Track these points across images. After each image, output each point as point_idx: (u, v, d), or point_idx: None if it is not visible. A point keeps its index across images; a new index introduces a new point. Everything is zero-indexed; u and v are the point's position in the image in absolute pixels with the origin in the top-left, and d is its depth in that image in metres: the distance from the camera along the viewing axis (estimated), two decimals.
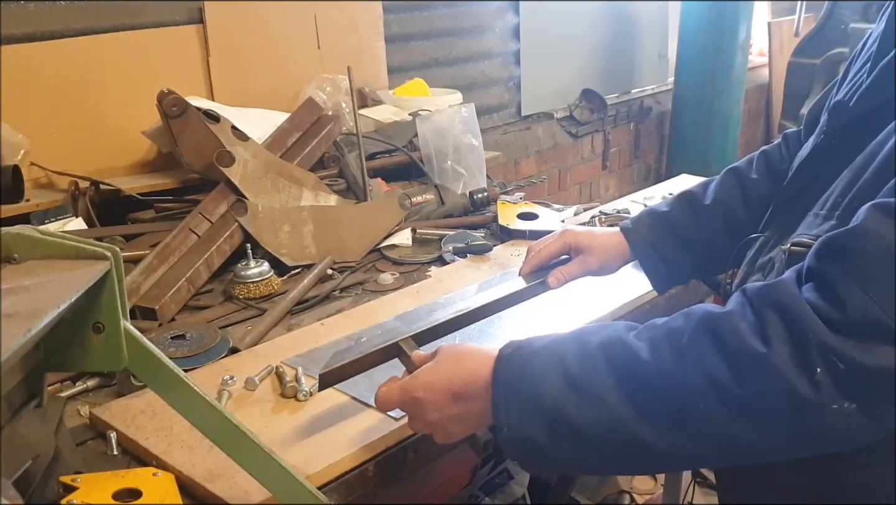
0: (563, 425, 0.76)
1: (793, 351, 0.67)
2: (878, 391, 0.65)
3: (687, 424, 0.71)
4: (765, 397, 0.68)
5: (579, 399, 0.75)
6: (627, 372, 0.74)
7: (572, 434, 0.76)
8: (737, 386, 0.68)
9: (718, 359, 0.70)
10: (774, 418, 0.68)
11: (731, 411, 0.69)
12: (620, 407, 0.73)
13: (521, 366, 0.81)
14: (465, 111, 2.10)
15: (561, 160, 3.64)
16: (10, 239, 0.72)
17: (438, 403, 0.86)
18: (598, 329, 0.81)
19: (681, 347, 0.73)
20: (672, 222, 1.19)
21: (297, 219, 1.66)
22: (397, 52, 2.78)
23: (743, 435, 0.70)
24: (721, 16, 3.68)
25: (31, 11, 1.86)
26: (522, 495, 2.23)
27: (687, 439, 0.72)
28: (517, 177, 3.27)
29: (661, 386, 0.72)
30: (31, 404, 0.78)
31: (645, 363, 0.73)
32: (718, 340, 0.71)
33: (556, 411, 0.76)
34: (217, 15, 2.15)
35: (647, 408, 0.73)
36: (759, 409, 0.68)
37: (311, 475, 0.95)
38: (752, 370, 0.68)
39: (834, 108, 0.91)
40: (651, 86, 4.18)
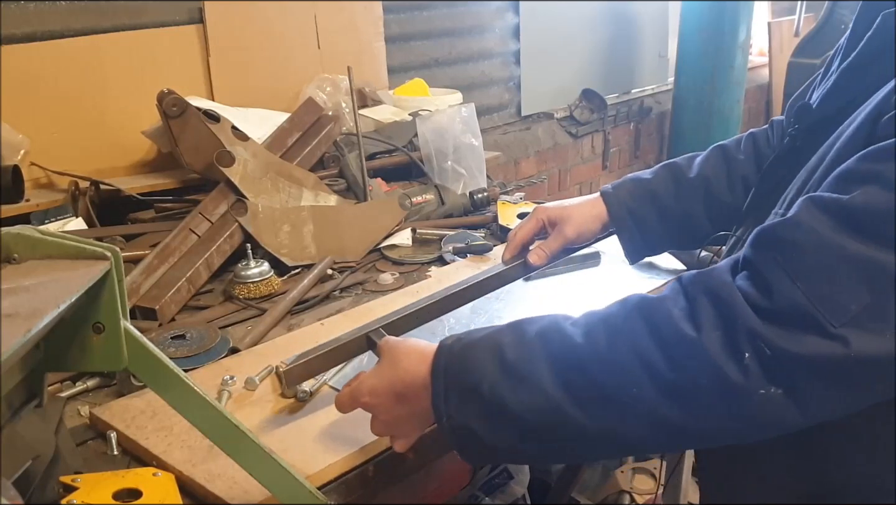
0: (501, 412, 0.77)
1: (723, 336, 0.68)
2: (804, 378, 0.66)
3: (620, 407, 0.72)
4: (695, 381, 0.69)
5: (516, 386, 0.76)
6: (562, 357, 0.75)
7: (510, 421, 0.76)
8: (669, 370, 0.70)
9: (651, 343, 0.71)
10: (705, 402, 0.69)
11: (663, 395, 0.70)
12: (555, 392, 0.74)
13: (461, 356, 0.81)
14: (465, 111, 2.10)
15: (561, 160, 3.64)
16: (10, 239, 0.72)
17: (385, 406, 0.88)
18: (537, 319, 0.81)
19: (615, 332, 0.74)
20: (653, 191, 1.19)
21: (297, 219, 1.66)
22: (397, 52, 2.78)
23: (675, 418, 0.71)
24: (721, 16, 3.68)
25: (31, 11, 1.86)
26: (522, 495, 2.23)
27: (621, 423, 0.73)
28: (517, 177, 3.27)
29: (595, 370, 0.73)
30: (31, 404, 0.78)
31: (580, 347, 0.74)
32: (651, 325, 0.72)
33: (494, 399, 0.77)
34: (217, 15, 2.15)
35: (581, 392, 0.73)
36: (691, 392, 0.69)
37: (311, 475, 0.95)
38: (683, 354, 0.69)
39: (798, 110, 0.93)
40: (651, 86, 4.18)
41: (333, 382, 1.16)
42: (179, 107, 1.73)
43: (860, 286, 0.64)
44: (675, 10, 3.92)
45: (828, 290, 0.65)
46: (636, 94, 4.08)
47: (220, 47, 2.17)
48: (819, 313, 0.65)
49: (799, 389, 0.67)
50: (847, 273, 0.65)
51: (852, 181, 0.69)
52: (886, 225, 0.64)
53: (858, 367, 0.65)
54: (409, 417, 0.88)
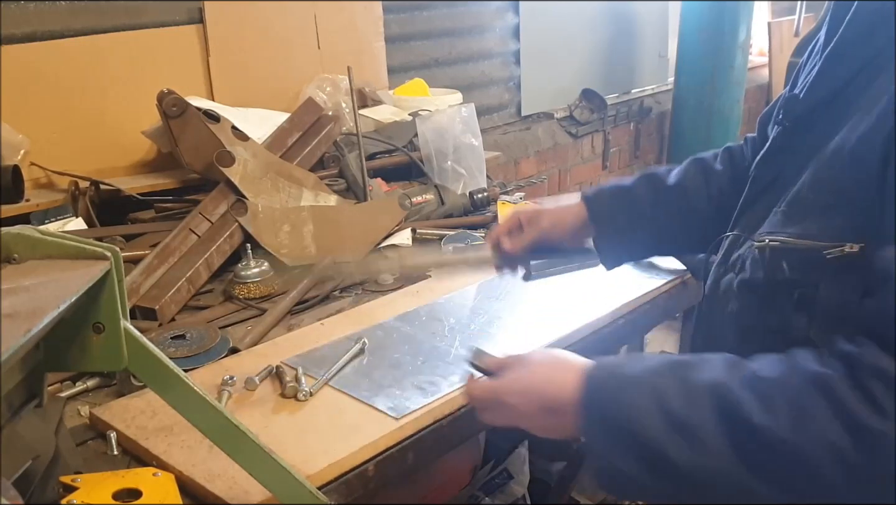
0: (664, 464, 0.75)
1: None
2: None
3: (806, 487, 0.71)
4: (887, 468, 0.68)
5: (682, 441, 0.74)
6: (739, 427, 0.73)
7: (673, 474, 0.75)
8: (859, 459, 0.69)
9: (840, 429, 0.69)
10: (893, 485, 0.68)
11: (854, 481, 0.69)
12: (730, 459, 0.73)
13: (615, 396, 0.79)
14: (465, 111, 2.10)
15: (561, 160, 3.64)
16: (10, 239, 0.72)
17: (531, 414, 0.87)
18: (698, 364, 0.79)
19: (798, 410, 0.72)
20: (632, 197, 1.21)
21: (297, 219, 1.66)
22: (397, 52, 2.77)
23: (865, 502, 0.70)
24: (721, 16, 3.68)
25: (31, 11, 1.86)
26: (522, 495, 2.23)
27: (802, 499, 0.72)
28: (517, 177, 3.27)
29: (780, 451, 0.71)
30: (31, 404, 0.78)
31: (760, 425, 0.72)
32: (835, 408, 0.70)
33: (656, 449, 0.75)
34: (217, 15, 2.15)
35: (760, 466, 0.72)
36: (883, 479, 0.68)
37: (311, 475, 0.95)
38: (873, 443, 0.68)
39: (786, 102, 0.93)
40: (651, 86, 4.18)
41: (334, 382, 1.16)
42: (179, 107, 1.73)
43: None
44: (675, 10, 3.92)
45: None
46: (636, 94, 4.08)
47: (220, 47, 2.17)
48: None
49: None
50: None
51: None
52: None
53: None
54: (553, 430, 0.87)
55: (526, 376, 0.88)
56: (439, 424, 1.10)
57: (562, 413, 0.84)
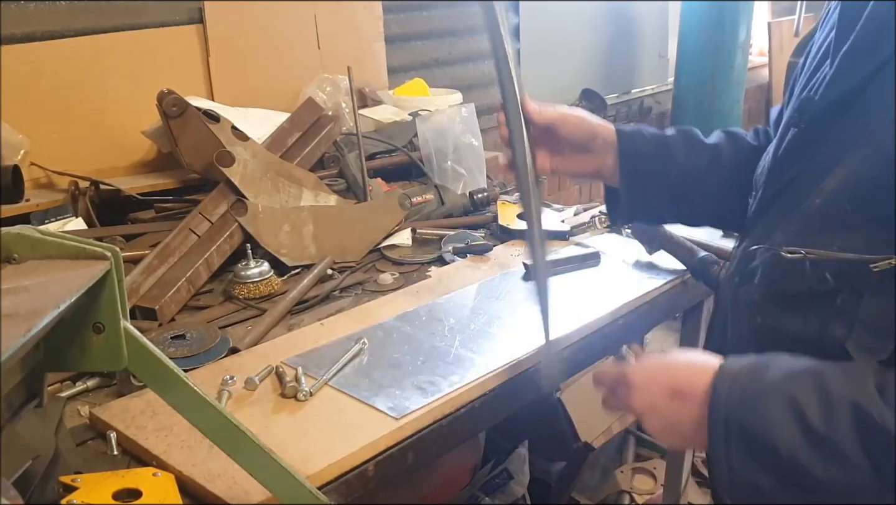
0: (803, 480, 0.75)
1: None
2: None
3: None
4: None
5: (820, 456, 0.74)
6: (878, 442, 0.72)
7: (811, 488, 0.75)
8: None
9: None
10: None
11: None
12: (869, 473, 0.72)
13: (747, 405, 0.78)
14: (465, 111, 2.10)
15: None
16: (10, 239, 0.72)
17: (654, 398, 0.86)
18: (839, 374, 0.77)
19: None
20: (666, 143, 1.19)
21: (297, 219, 1.66)
22: (397, 52, 2.77)
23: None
24: (721, 16, 3.68)
25: (31, 11, 1.86)
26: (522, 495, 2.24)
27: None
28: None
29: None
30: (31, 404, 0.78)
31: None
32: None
33: (796, 465, 0.75)
34: (217, 15, 2.15)
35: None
36: None
37: (311, 475, 0.95)
38: None
39: (802, 103, 0.91)
40: (651, 86, 4.18)
41: (334, 382, 1.16)
42: (179, 107, 1.73)
43: None
44: (675, 10, 3.92)
45: None
46: (636, 94, 4.07)
47: (220, 47, 2.17)
48: None
49: None
50: None
51: None
52: None
53: None
54: (676, 421, 0.85)
55: (658, 361, 0.88)
56: (439, 424, 1.10)
57: (689, 398, 0.82)
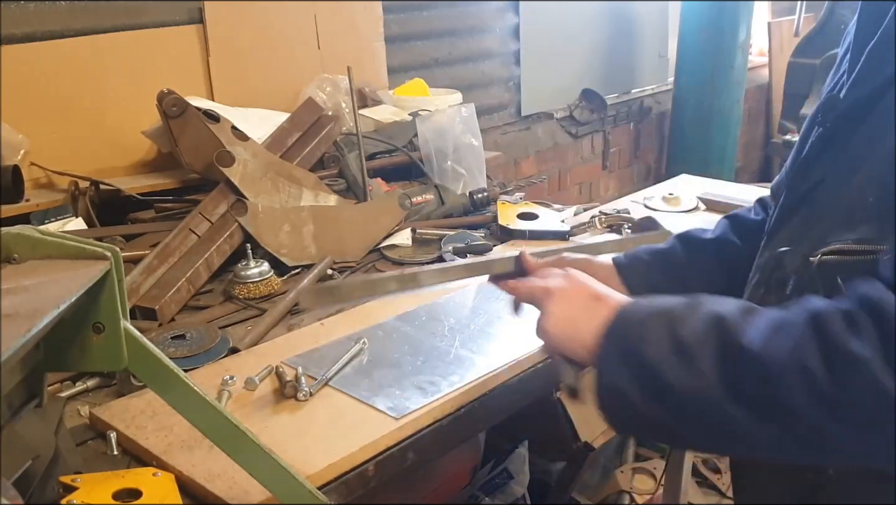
0: (660, 386, 0.77)
1: (883, 350, 0.66)
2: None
3: (773, 408, 0.71)
4: (859, 398, 0.67)
5: (680, 363, 0.76)
6: (728, 349, 0.74)
7: (667, 397, 0.77)
8: (831, 384, 0.68)
9: (817, 355, 0.69)
10: (867, 419, 0.68)
11: (820, 407, 0.69)
12: (715, 380, 0.73)
13: (639, 320, 0.82)
14: (465, 111, 2.10)
15: (561, 160, 3.63)
16: (10, 239, 0.72)
17: (576, 295, 0.90)
18: (720, 301, 0.79)
19: (779, 332, 0.72)
20: (667, 256, 1.16)
21: (297, 219, 1.66)
22: (397, 52, 2.77)
23: (836, 434, 0.69)
24: (721, 16, 3.68)
25: (31, 11, 1.86)
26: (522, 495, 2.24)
27: (778, 426, 0.72)
28: (517, 177, 3.27)
29: (754, 370, 0.72)
30: (31, 404, 0.78)
31: (742, 345, 0.73)
32: (821, 338, 0.70)
33: (656, 370, 0.77)
34: (217, 15, 2.15)
35: (737, 387, 0.73)
36: (853, 409, 0.68)
37: (311, 475, 0.95)
38: (846, 370, 0.68)
39: (826, 101, 0.91)
40: (651, 86, 4.18)
41: (334, 382, 1.16)
42: (179, 107, 1.73)
43: None
44: (675, 10, 3.92)
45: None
46: (636, 94, 4.07)
47: (220, 47, 2.17)
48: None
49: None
50: None
51: None
52: None
53: None
54: (583, 312, 0.88)
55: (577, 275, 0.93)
56: (439, 424, 1.10)
57: (605, 303, 0.86)
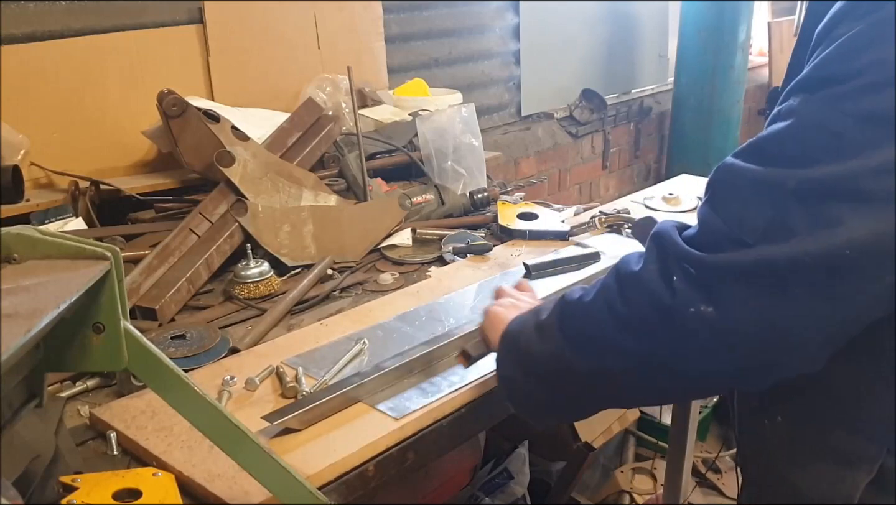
0: (529, 360, 0.95)
1: (658, 267, 0.79)
2: (725, 288, 0.73)
3: (595, 344, 0.85)
4: (640, 311, 0.80)
5: (540, 337, 0.93)
6: (565, 308, 0.91)
7: (533, 368, 0.95)
8: (622, 305, 0.82)
9: (615, 286, 0.84)
10: (650, 329, 0.79)
11: (620, 329, 0.82)
12: (559, 340, 0.90)
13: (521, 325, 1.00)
14: (465, 111, 2.10)
15: (561, 160, 3.64)
16: (10, 239, 0.72)
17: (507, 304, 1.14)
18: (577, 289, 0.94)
19: (600, 285, 0.88)
20: None
21: (297, 219, 1.66)
22: (397, 52, 2.77)
23: (633, 349, 0.81)
24: (721, 16, 3.68)
25: (31, 11, 1.86)
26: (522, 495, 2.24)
27: (598, 358, 0.85)
28: (517, 177, 3.27)
29: (581, 316, 0.88)
30: (31, 404, 0.78)
31: (572, 299, 0.90)
32: (617, 272, 0.85)
33: (524, 350, 0.96)
34: (217, 15, 2.15)
35: (573, 338, 0.88)
36: (638, 322, 0.80)
37: (311, 475, 0.95)
38: (631, 289, 0.81)
39: (769, 94, 1.05)
40: (651, 86, 4.18)
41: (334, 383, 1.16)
42: (179, 107, 1.73)
43: (764, 204, 0.73)
44: (675, 10, 3.92)
45: (744, 212, 0.74)
46: (636, 94, 4.08)
47: (220, 47, 2.17)
48: (734, 232, 0.74)
49: (725, 300, 0.73)
50: (754, 196, 0.74)
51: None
52: (781, 147, 0.74)
53: (771, 270, 0.72)
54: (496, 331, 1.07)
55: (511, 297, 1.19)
56: (439, 424, 1.10)
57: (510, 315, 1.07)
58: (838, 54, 0.74)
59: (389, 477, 1.04)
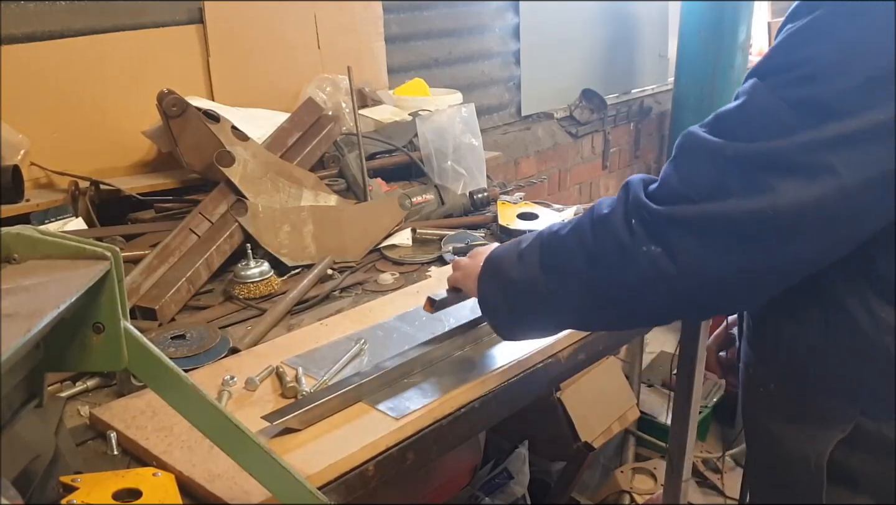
0: (507, 282, 1.06)
1: (622, 211, 0.92)
2: (674, 235, 0.87)
3: (563, 269, 0.98)
4: (604, 245, 0.93)
5: (519, 265, 1.04)
6: (544, 241, 1.02)
7: (512, 289, 1.05)
8: (591, 240, 0.94)
9: (588, 225, 0.96)
10: (608, 262, 0.92)
11: (587, 261, 0.94)
12: (537, 267, 1.01)
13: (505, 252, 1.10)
14: (465, 111, 2.10)
15: (561, 160, 3.63)
16: (10, 239, 0.72)
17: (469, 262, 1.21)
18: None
19: (576, 222, 0.99)
20: None
21: (297, 219, 1.66)
22: (397, 52, 2.77)
23: (592, 276, 0.94)
24: (721, 16, 3.68)
25: (31, 11, 1.86)
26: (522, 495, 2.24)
27: (562, 281, 0.98)
28: (517, 177, 3.27)
29: (555, 245, 1.00)
30: (31, 404, 0.78)
31: (552, 233, 1.01)
32: (591, 213, 0.97)
33: (504, 273, 1.06)
34: (217, 15, 2.15)
35: (546, 264, 1.00)
36: (601, 255, 0.93)
37: (311, 475, 0.95)
38: (599, 227, 0.94)
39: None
40: (651, 86, 4.18)
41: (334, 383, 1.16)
42: (179, 107, 1.73)
43: (711, 168, 0.86)
44: (675, 10, 3.92)
45: (695, 174, 0.87)
46: (636, 94, 4.08)
47: (220, 47, 2.17)
48: (685, 190, 0.87)
49: (671, 244, 0.87)
50: (705, 161, 0.87)
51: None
52: (731, 122, 0.87)
53: (710, 223, 0.85)
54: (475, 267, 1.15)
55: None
56: (439, 424, 1.10)
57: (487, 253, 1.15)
58: (783, 47, 0.86)
59: (389, 477, 1.04)
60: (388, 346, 1.27)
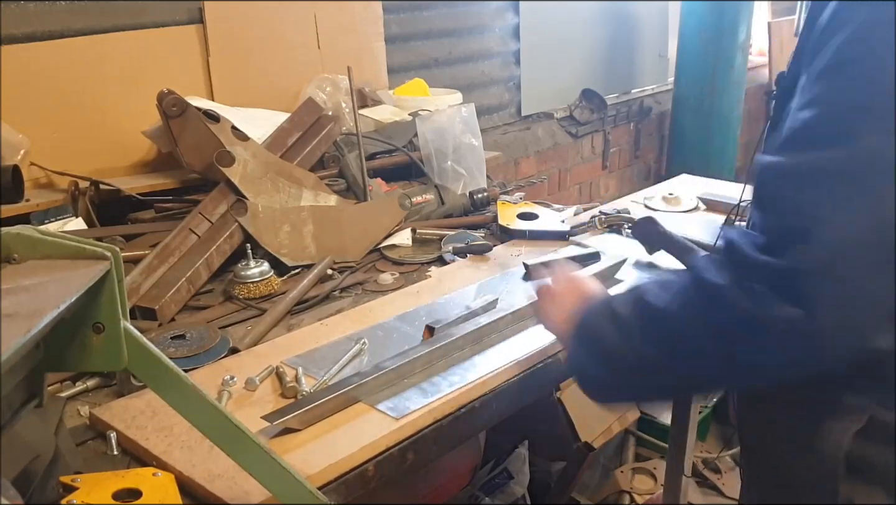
0: (602, 349, 0.98)
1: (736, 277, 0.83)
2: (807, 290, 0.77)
3: (688, 354, 0.89)
4: (730, 321, 0.83)
5: (615, 330, 0.97)
6: (643, 310, 0.94)
7: (609, 360, 0.98)
8: (712, 318, 0.85)
9: (692, 286, 0.89)
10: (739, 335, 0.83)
11: (711, 335, 0.86)
12: (636, 335, 0.94)
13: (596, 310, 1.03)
14: (465, 111, 2.10)
15: (561, 160, 3.63)
16: (10, 239, 0.72)
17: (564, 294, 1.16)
18: (649, 286, 0.97)
19: (671, 287, 0.93)
20: None
21: (297, 219, 1.66)
22: (397, 52, 2.77)
23: (725, 355, 0.86)
24: (721, 16, 3.68)
25: (31, 11, 1.86)
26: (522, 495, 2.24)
27: (690, 365, 0.90)
28: (517, 177, 3.27)
29: (669, 327, 0.91)
30: (31, 404, 0.78)
31: (651, 304, 0.93)
32: (694, 275, 0.89)
33: (599, 340, 0.99)
34: (217, 15, 2.15)
35: (663, 348, 0.91)
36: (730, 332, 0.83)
37: (311, 475, 0.95)
38: (716, 301, 0.85)
39: (777, 78, 1.07)
40: (651, 86, 4.18)
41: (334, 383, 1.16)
42: (179, 107, 1.73)
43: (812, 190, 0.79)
44: (675, 10, 3.92)
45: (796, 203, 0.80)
46: (636, 94, 4.07)
47: (220, 47, 2.17)
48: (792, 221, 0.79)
49: (805, 296, 0.77)
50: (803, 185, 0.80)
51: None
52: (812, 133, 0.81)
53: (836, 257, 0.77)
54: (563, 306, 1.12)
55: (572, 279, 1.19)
56: (439, 424, 1.10)
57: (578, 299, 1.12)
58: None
59: (389, 477, 1.04)
60: (388, 346, 1.27)
